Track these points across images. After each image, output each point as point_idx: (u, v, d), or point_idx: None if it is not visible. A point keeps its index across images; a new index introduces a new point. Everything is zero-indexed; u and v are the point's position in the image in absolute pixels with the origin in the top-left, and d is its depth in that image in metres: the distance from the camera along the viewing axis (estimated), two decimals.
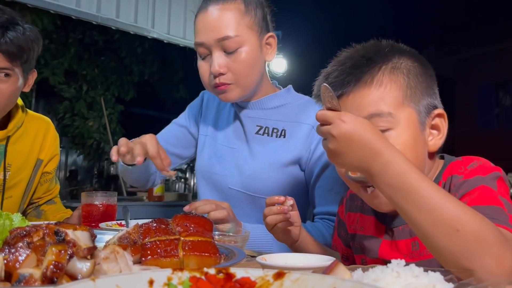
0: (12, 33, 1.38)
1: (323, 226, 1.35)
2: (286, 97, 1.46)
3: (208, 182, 1.48)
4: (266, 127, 1.42)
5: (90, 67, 7.87)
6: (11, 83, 1.41)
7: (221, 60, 1.30)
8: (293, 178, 1.39)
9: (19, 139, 1.58)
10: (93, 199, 1.43)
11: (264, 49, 1.37)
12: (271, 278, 0.47)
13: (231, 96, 1.35)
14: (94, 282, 0.41)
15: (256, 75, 1.36)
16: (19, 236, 0.62)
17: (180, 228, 0.70)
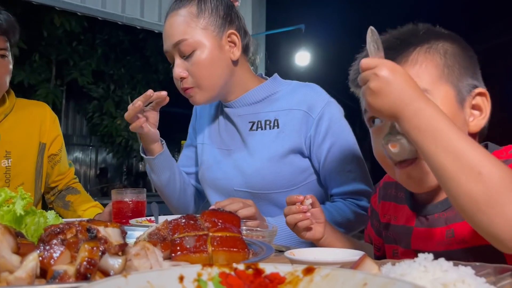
0: (3, 15, 1.46)
1: (344, 204, 1.35)
2: (272, 87, 1.43)
3: (213, 188, 1.48)
4: (258, 121, 1.40)
5: (116, 67, 8.02)
6: (6, 64, 1.49)
7: (180, 65, 1.33)
8: (295, 167, 1.37)
9: (14, 126, 1.60)
10: (123, 196, 1.46)
11: (226, 48, 1.35)
12: (300, 274, 0.47)
13: (196, 99, 1.36)
14: (126, 278, 0.42)
15: (218, 76, 1.34)
16: (53, 233, 0.64)
17: (209, 224, 0.71)
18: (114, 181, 9.65)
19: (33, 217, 0.83)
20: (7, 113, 1.59)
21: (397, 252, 1.00)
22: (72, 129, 10.19)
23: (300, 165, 1.37)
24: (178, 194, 1.54)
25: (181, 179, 1.54)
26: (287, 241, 1.30)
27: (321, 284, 0.45)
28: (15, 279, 0.48)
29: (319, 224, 1.03)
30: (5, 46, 1.47)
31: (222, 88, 1.36)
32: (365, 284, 0.43)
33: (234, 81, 1.38)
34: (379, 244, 1.10)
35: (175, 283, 0.45)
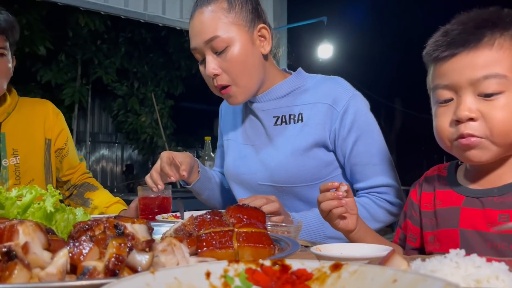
0: (2, 15, 1.47)
1: (369, 199, 1.33)
2: (297, 81, 1.42)
3: (238, 183, 1.49)
4: (282, 116, 1.40)
5: (140, 65, 8.12)
6: (6, 61, 1.50)
7: (213, 62, 1.31)
8: (320, 161, 1.36)
9: (18, 124, 1.62)
10: (149, 192, 1.48)
11: (257, 43, 1.34)
12: (328, 270, 0.46)
13: (237, 98, 1.35)
14: (154, 274, 0.42)
15: (253, 71, 1.33)
16: (82, 230, 0.65)
17: (234, 220, 0.71)
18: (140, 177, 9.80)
19: (62, 214, 0.85)
20: (9, 111, 1.61)
21: (434, 239, 1.02)
22: (98, 126, 10.39)
23: (325, 158, 1.36)
24: (220, 201, 1.62)
25: (221, 189, 1.61)
26: (313, 237, 1.29)
27: (349, 280, 0.44)
28: (46, 275, 0.49)
29: (353, 215, 1.02)
30: (4, 45, 1.48)
31: (258, 83, 1.37)
32: (394, 280, 0.42)
33: (266, 76, 1.39)
34: (416, 233, 1.09)
35: (202, 279, 0.45)
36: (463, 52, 0.92)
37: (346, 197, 1.00)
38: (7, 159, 1.57)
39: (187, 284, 0.43)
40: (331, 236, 1.27)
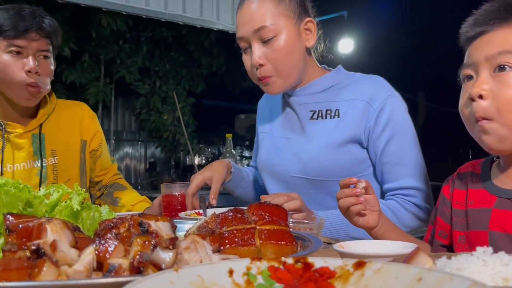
0: (47, 21, 1.55)
1: (397, 202, 1.31)
2: (336, 78, 1.43)
3: (270, 174, 1.51)
4: (319, 110, 1.41)
5: (161, 63, 8.19)
6: (49, 63, 1.58)
7: (259, 51, 1.33)
8: (353, 157, 1.35)
9: (56, 126, 1.68)
10: (172, 189, 1.50)
11: (303, 35, 1.36)
12: (351, 268, 0.46)
13: (274, 88, 1.37)
14: (178, 272, 0.42)
15: (296, 63, 1.35)
16: (107, 227, 0.67)
17: (256, 217, 0.71)
18: (163, 174, 9.92)
19: (88, 211, 0.86)
20: (49, 113, 1.67)
21: (464, 239, 1.00)
22: (121, 125, 10.56)
23: (358, 155, 1.36)
24: (254, 197, 1.66)
25: (254, 187, 1.65)
26: (335, 237, 1.28)
27: (372, 278, 0.44)
28: (74, 272, 0.50)
29: (374, 212, 1.01)
30: (47, 48, 1.56)
31: (298, 75, 1.38)
32: (419, 279, 0.41)
33: (306, 70, 1.41)
34: (447, 230, 1.08)
35: (225, 277, 0.46)
36: (486, 32, 0.92)
37: (366, 194, 0.99)
38: (46, 159, 1.63)
39: (210, 282, 0.44)
40: (354, 236, 1.26)
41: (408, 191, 1.31)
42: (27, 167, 1.59)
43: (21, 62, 1.50)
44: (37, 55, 1.53)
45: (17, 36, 1.48)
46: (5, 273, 0.47)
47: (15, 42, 1.49)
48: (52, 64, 1.59)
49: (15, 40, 1.48)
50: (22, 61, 1.50)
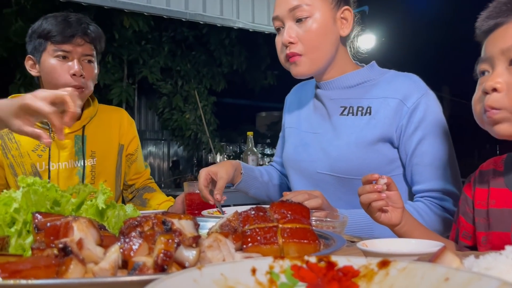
0: (92, 27, 1.64)
1: (425, 205, 1.27)
2: (369, 74, 1.40)
3: (296, 170, 1.48)
4: (350, 107, 1.38)
5: (183, 63, 8.27)
6: (92, 68, 1.66)
7: (291, 30, 1.32)
8: (383, 156, 1.32)
9: (97, 129, 1.75)
10: (194, 188, 1.51)
11: (338, 23, 1.35)
12: (375, 267, 0.45)
13: (301, 69, 1.35)
14: (201, 270, 0.43)
15: (327, 47, 1.34)
16: (131, 226, 0.68)
17: (278, 215, 0.71)
18: (186, 172, 10.01)
19: (113, 210, 0.88)
20: (92, 116, 1.75)
21: (486, 240, 0.97)
22: (145, 124, 10.72)
23: (388, 155, 1.33)
24: (269, 195, 1.65)
25: (268, 186, 1.63)
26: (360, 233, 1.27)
27: (397, 278, 0.43)
28: (100, 270, 0.51)
29: (396, 209, 0.99)
30: (92, 53, 1.65)
31: (327, 62, 1.37)
32: (446, 279, 0.40)
33: (335, 60, 1.38)
34: (470, 231, 1.05)
35: (248, 275, 0.46)
36: (500, 24, 0.91)
37: (388, 190, 0.97)
38: (86, 159, 1.70)
39: (233, 280, 0.44)
40: (378, 237, 1.24)
41: (437, 193, 1.28)
42: (68, 167, 1.67)
43: (67, 66, 1.59)
44: (81, 59, 1.61)
45: (64, 41, 1.57)
46: (34, 271, 0.48)
47: (61, 47, 1.58)
48: (95, 68, 1.67)
49: (62, 45, 1.57)
50: (67, 65, 1.59)
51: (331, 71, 1.40)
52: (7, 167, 1.64)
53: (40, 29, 1.60)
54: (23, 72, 6.79)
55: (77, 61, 1.60)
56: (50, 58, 1.59)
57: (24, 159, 1.64)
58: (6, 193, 0.80)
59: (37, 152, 1.64)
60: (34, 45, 1.63)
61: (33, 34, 1.63)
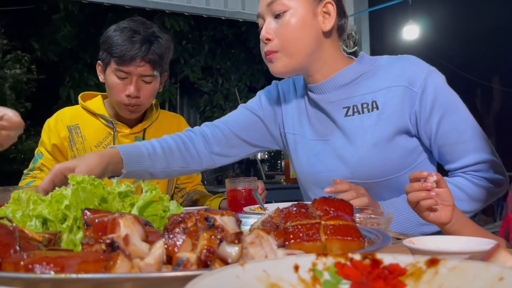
0: (155, 45, 1.65)
1: (465, 179, 1.22)
2: (362, 66, 1.32)
3: (314, 183, 1.39)
4: (354, 106, 1.30)
5: (223, 61, 8.36)
6: (152, 85, 1.69)
7: (270, 25, 1.28)
8: (403, 149, 1.26)
9: (157, 132, 1.80)
10: (236, 184, 1.52)
11: (319, 17, 1.27)
12: (423, 265, 0.44)
13: (277, 66, 1.28)
14: (243, 267, 0.43)
15: (305, 43, 1.26)
16: (175, 222, 0.69)
17: (320, 212, 0.70)
18: (228, 169, 10.13)
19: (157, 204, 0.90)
20: (153, 120, 1.83)
21: None
22: (187, 123, 10.93)
23: (408, 146, 1.27)
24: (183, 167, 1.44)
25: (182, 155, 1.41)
26: (405, 226, 1.23)
27: (448, 277, 0.41)
28: (145, 265, 0.53)
29: (446, 207, 0.95)
30: (151, 73, 1.66)
31: (307, 59, 1.28)
32: (501, 278, 0.38)
33: (322, 57, 1.30)
34: None
35: (291, 272, 0.45)
36: None
37: (438, 188, 0.93)
38: None
39: (276, 277, 0.44)
40: (425, 222, 1.20)
41: (476, 166, 1.22)
42: None
43: (124, 85, 1.65)
44: (140, 79, 1.65)
45: (124, 63, 1.61)
46: (83, 265, 0.50)
47: (121, 68, 1.63)
48: (154, 87, 1.71)
49: (122, 67, 1.62)
50: (125, 85, 1.65)
51: (321, 70, 1.32)
52: (70, 159, 1.73)
53: (106, 43, 1.65)
54: (72, 75, 7.10)
55: (134, 82, 1.64)
56: (111, 75, 1.65)
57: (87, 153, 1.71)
58: (58, 191, 0.84)
59: (99, 148, 1.73)
60: (102, 55, 1.69)
61: (102, 44, 1.69)
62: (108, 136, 1.76)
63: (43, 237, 0.66)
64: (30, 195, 0.85)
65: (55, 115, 1.79)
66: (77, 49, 7.19)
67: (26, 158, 7.08)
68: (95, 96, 1.85)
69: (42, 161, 1.74)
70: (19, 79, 6.86)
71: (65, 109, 1.82)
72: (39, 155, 1.76)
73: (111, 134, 1.75)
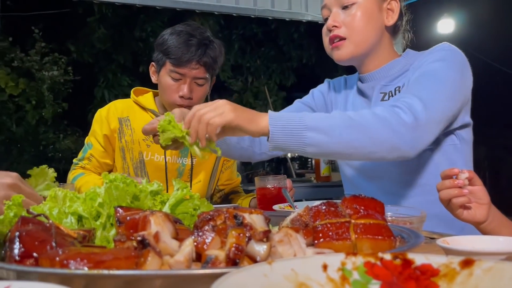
0: (210, 48, 1.70)
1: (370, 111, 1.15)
2: (407, 60, 1.37)
3: (350, 166, 1.44)
4: (389, 92, 1.36)
5: (252, 59, 8.37)
6: (204, 88, 1.73)
7: (337, 15, 1.34)
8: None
9: None
10: (265, 183, 1.52)
11: (383, 13, 1.35)
12: (457, 266, 0.42)
13: (342, 53, 1.34)
14: (271, 265, 0.43)
15: (370, 32, 1.33)
16: (205, 220, 0.69)
17: (350, 211, 0.69)
18: (258, 168, 10.14)
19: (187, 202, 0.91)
20: None
21: None
22: None
23: None
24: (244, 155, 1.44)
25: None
26: (439, 225, 1.20)
27: (482, 279, 0.40)
28: (175, 262, 0.53)
29: (481, 205, 0.92)
30: (204, 76, 1.71)
31: (369, 48, 1.36)
32: None
33: (379, 49, 1.38)
34: None
35: (319, 271, 0.45)
36: None
37: (471, 185, 0.90)
38: (187, 158, 1.81)
39: (304, 276, 0.43)
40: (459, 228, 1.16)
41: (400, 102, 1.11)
42: (171, 161, 1.79)
43: (178, 87, 1.69)
44: (193, 81, 1.70)
45: (180, 65, 1.66)
46: (115, 262, 0.51)
47: (177, 70, 1.67)
48: (205, 89, 1.75)
49: (178, 68, 1.67)
50: (178, 86, 1.69)
51: (374, 62, 1.39)
52: (118, 150, 1.80)
53: (163, 45, 1.70)
54: (106, 75, 7.29)
55: (188, 84, 1.68)
56: (166, 76, 1.70)
57: (135, 146, 1.77)
58: (92, 189, 0.86)
59: (146, 142, 1.78)
60: (157, 56, 1.74)
61: (158, 46, 1.74)
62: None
63: (77, 233, 0.68)
64: (66, 193, 0.87)
65: (107, 107, 1.85)
66: (110, 50, 7.37)
67: (63, 157, 7.31)
68: (147, 92, 1.90)
69: (92, 151, 1.80)
70: (56, 80, 7.09)
71: (117, 101, 1.88)
72: (89, 145, 1.82)
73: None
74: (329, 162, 3.87)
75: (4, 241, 0.62)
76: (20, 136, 7.00)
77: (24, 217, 0.65)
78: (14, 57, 6.83)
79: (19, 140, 7.09)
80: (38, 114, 6.89)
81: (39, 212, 0.76)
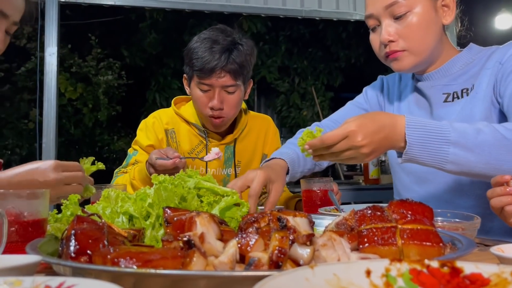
0: (235, 53, 1.63)
1: None
2: (469, 55, 1.28)
3: (403, 168, 1.37)
4: (454, 92, 1.26)
5: (299, 60, 8.33)
6: (236, 95, 1.67)
7: (390, 27, 1.23)
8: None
9: (245, 138, 1.81)
10: (311, 185, 1.51)
11: (440, 12, 1.24)
12: (509, 276, 0.40)
13: (404, 63, 1.25)
14: (313, 270, 0.43)
15: (431, 40, 1.23)
16: (249, 222, 0.70)
17: (397, 216, 0.67)
18: None
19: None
20: (243, 128, 1.82)
21: None
22: None
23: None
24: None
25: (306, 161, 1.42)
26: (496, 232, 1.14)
27: None
28: (219, 263, 0.54)
29: None
30: (233, 83, 1.64)
31: (431, 54, 1.27)
32: None
33: (439, 50, 1.29)
34: None
35: (362, 277, 0.44)
36: None
37: None
38: (231, 168, 1.80)
39: (346, 281, 0.43)
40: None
41: None
42: (216, 173, 1.78)
43: (208, 98, 1.66)
44: (223, 90, 1.65)
45: (205, 76, 1.62)
46: (162, 261, 0.53)
47: (203, 81, 1.63)
48: (238, 97, 1.69)
49: (203, 80, 1.63)
50: (208, 97, 1.66)
51: (435, 61, 1.30)
52: None
53: (188, 56, 1.66)
54: (157, 79, 7.53)
55: (217, 94, 1.63)
56: (195, 88, 1.67)
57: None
58: (142, 189, 0.90)
59: (191, 155, 1.77)
60: (186, 69, 1.72)
61: (185, 57, 1.70)
62: (200, 144, 1.78)
63: (128, 233, 0.71)
64: (118, 193, 0.91)
65: (152, 116, 1.83)
66: (161, 54, 7.60)
67: (117, 158, 7.63)
68: (187, 100, 1.88)
69: (137, 157, 1.79)
70: (111, 84, 7.42)
71: (160, 111, 1.85)
72: (134, 153, 1.82)
73: (202, 142, 1.78)
74: (378, 164, 3.78)
75: (61, 238, 0.66)
76: (78, 138, 7.39)
77: (79, 216, 0.69)
78: (72, 63, 7.22)
79: (77, 142, 7.48)
80: (94, 117, 7.24)
81: (93, 212, 0.80)
